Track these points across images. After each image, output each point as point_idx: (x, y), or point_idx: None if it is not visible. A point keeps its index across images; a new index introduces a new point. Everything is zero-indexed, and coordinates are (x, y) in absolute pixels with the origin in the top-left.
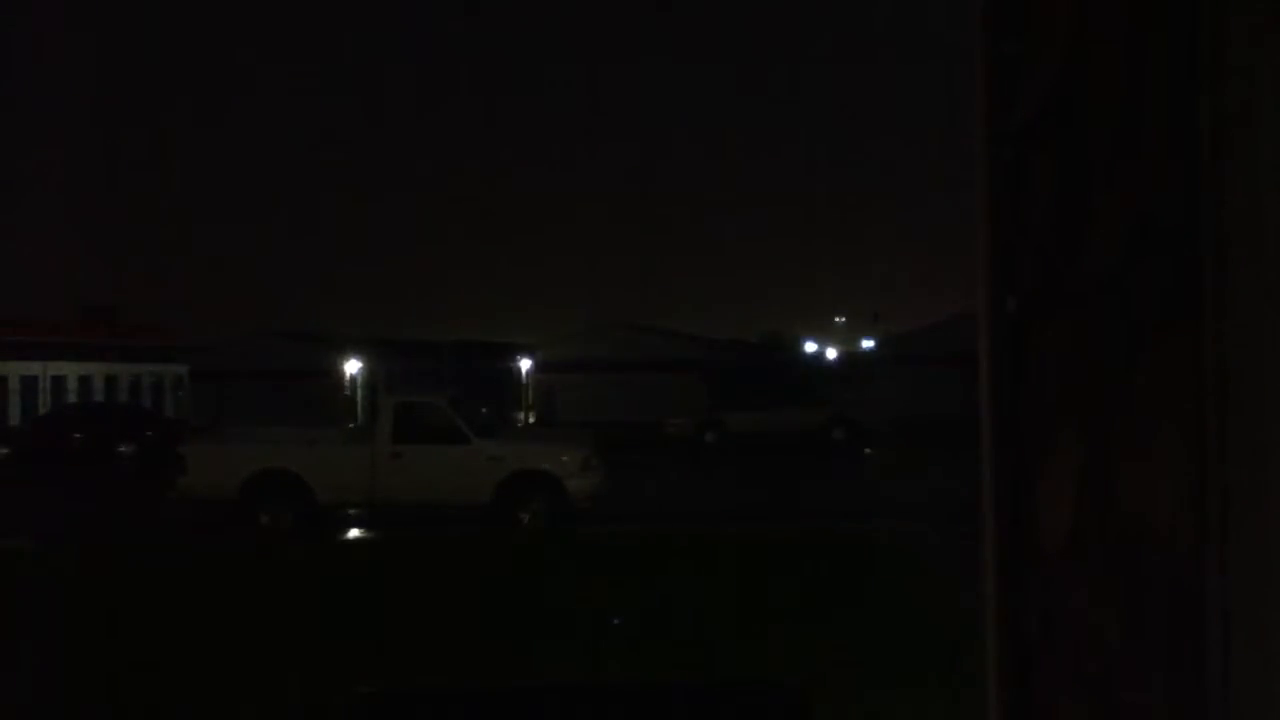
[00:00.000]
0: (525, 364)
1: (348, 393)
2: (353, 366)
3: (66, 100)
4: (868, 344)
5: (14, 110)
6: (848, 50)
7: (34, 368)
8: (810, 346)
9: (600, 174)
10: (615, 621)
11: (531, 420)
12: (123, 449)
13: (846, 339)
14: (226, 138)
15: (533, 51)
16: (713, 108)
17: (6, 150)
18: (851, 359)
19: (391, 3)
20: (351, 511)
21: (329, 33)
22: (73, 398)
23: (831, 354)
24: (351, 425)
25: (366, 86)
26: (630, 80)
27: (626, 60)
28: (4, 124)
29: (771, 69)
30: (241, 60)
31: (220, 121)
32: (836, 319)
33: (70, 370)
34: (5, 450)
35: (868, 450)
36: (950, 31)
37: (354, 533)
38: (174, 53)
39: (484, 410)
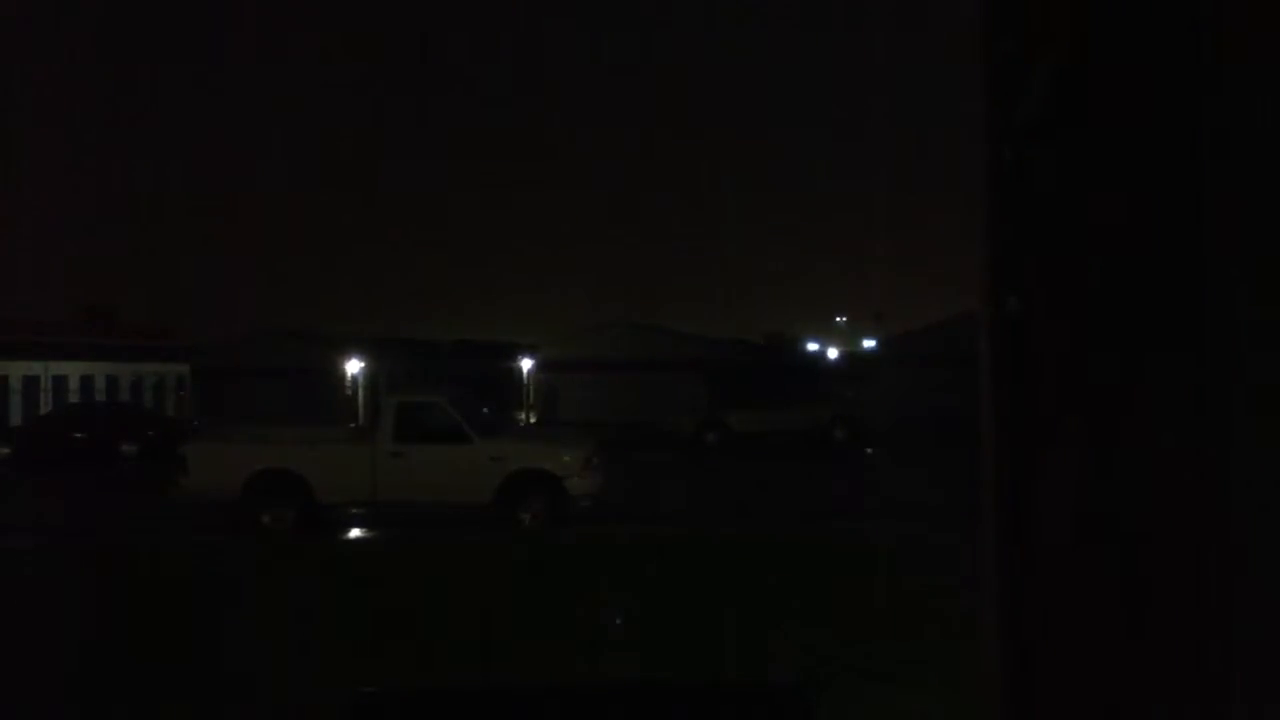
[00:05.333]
0: (526, 364)
1: (348, 392)
2: (353, 366)
3: (67, 99)
4: (869, 344)
5: (14, 109)
6: (849, 49)
7: (35, 367)
8: (811, 346)
9: (601, 173)
10: (616, 621)
11: (532, 420)
12: (124, 448)
13: (847, 339)
14: (227, 137)
15: (532, 51)
16: (713, 107)
17: (7, 150)
18: (853, 359)
19: (393, 3)
20: (353, 511)
21: (328, 30)
22: (74, 397)
23: (833, 354)
24: (353, 425)
25: (366, 86)
26: (630, 80)
27: (626, 60)
28: (4, 123)
29: (772, 68)
30: (242, 59)
31: (220, 121)
32: (837, 319)
33: (71, 370)
34: (7, 450)
35: (869, 450)
36: (951, 30)
37: (355, 532)
38: (174, 52)
39: (485, 410)
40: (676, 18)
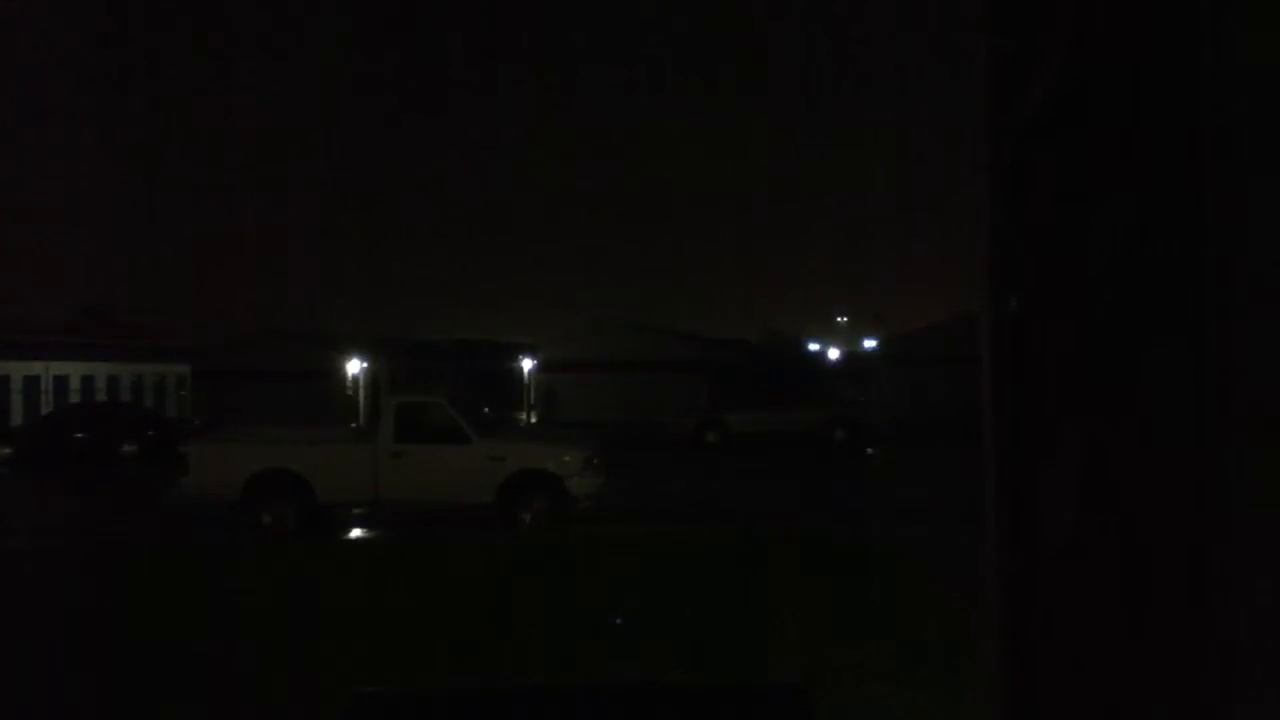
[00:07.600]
0: (526, 363)
1: (349, 393)
2: (353, 366)
3: (67, 99)
4: (869, 344)
5: (15, 109)
6: (849, 49)
7: (36, 367)
8: (811, 346)
9: (601, 173)
10: (616, 621)
11: (533, 420)
12: (125, 449)
13: (848, 339)
14: (227, 137)
15: (530, 50)
16: (714, 106)
17: (7, 150)
18: (853, 359)
19: (394, 5)
20: (353, 511)
21: (329, 30)
22: (74, 397)
23: (833, 354)
24: (353, 425)
25: (366, 87)
26: (629, 79)
27: (624, 60)
28: (4, 124)
29: (772, 68)
30: (242, 59)
31: (221, 121)
32: (838, 319)
33: (72, 370)
34: (8, 450)
35: (869, 450)
36: (952, 30)
37: (355, 532)
38: (175, 52)
39: (485, 410)
40: (674, 19)
